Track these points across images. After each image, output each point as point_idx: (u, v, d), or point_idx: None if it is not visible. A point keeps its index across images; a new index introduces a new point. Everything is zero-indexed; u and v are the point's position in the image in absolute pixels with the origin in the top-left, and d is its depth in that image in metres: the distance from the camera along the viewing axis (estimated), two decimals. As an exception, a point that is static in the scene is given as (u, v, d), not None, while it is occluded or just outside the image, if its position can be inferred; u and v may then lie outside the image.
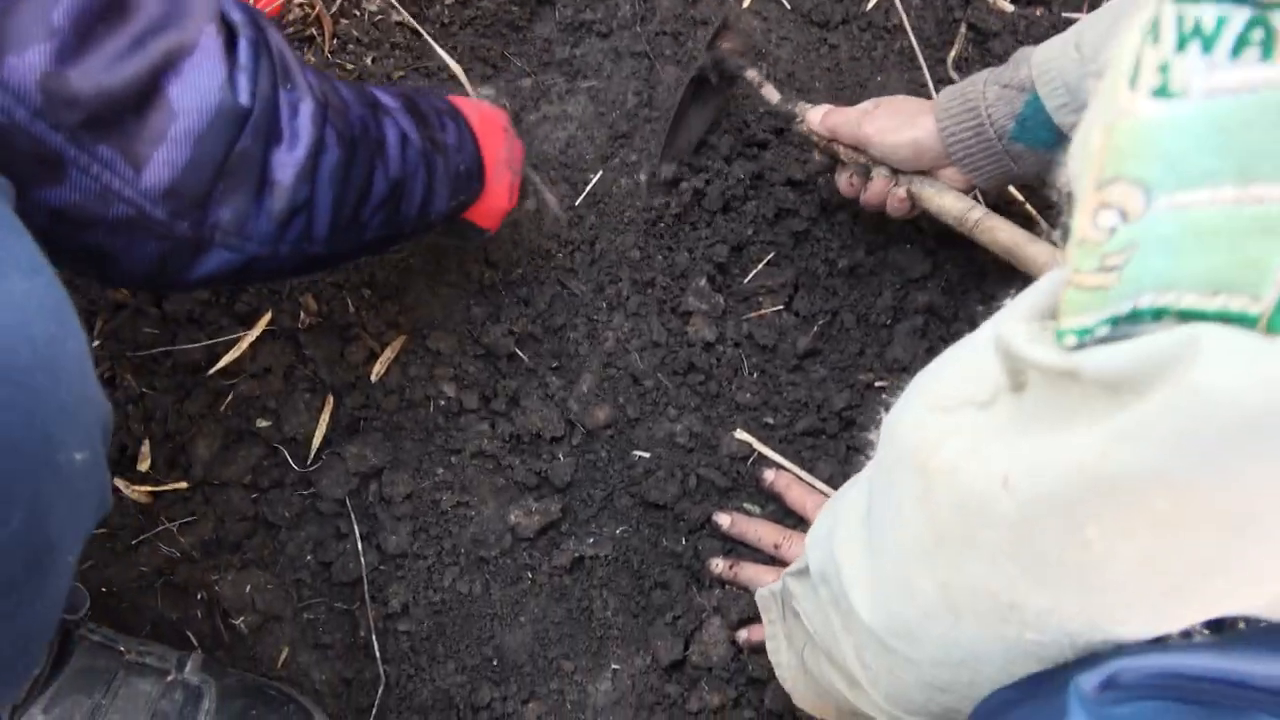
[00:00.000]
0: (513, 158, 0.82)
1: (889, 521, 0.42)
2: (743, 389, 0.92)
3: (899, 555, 0.41)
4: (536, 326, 0.95)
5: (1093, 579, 0.33)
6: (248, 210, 0.54)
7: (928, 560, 0.39)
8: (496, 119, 0.81)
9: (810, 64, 1.04)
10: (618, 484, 0.90)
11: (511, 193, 0.82)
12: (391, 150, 0.64)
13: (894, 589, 0.43)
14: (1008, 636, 0.38)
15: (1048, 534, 0.33)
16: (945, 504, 0.37)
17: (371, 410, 0.91)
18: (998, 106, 0.74)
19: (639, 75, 1.02)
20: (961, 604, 0.38)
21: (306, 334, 0.91)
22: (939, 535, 0.37)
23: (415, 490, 0.89)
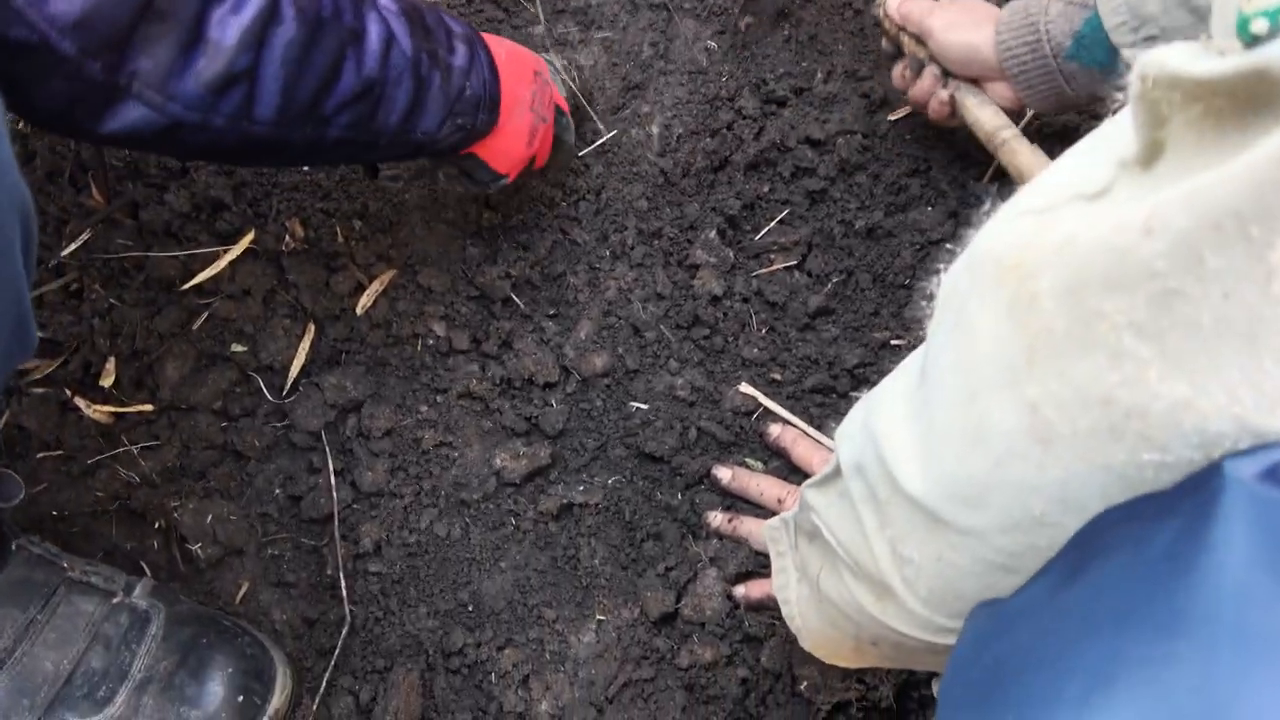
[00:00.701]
0: (539, 102, 0.95)
1: (953, 364, 0.45)
2: (750, 344, 1.07)
3: (968, 396, 0.44)
4: (535, 272, 1.10)
5: (1266, 336, 0.32)
6: (172, 65, 0.59)
7: (1014, 384, 0.40)
8: (526, 59, 0.95)
9: (834, 26, 1.22)
10: (612, 434, 1.04)
11: (533, 138, 0.95)
12: (370, 45, 0.71)
13: (956, 443, 0.45)
14: (1115, 463, 0.37)
15: (1208, 279, 0.32)
16: (1050, 292, 0.38)
17: (355, 343, 1.05)
18: (1058, 23, 0.88)
19: (656, 27, 1.21)
20: (1057, 427, 0.39)
21: (290, 258, 1.06)
22: (1033, 345, 0.39)
23: (396, 426, 1.03)
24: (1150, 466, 0.37)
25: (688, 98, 1.20)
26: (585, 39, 1.24)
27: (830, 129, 1.16)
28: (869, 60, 1.22)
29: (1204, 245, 0.32)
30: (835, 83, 1.21)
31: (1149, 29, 0.81)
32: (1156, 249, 0.33)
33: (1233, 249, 0.31)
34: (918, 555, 0.51)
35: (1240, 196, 0.30)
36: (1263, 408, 0.33)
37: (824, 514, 0.66)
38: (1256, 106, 0.30)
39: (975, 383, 0.43)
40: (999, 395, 0.41)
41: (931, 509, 0.48)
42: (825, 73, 1.21)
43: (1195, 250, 0.32)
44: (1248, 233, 0.31)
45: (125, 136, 0.62)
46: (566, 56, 1.22)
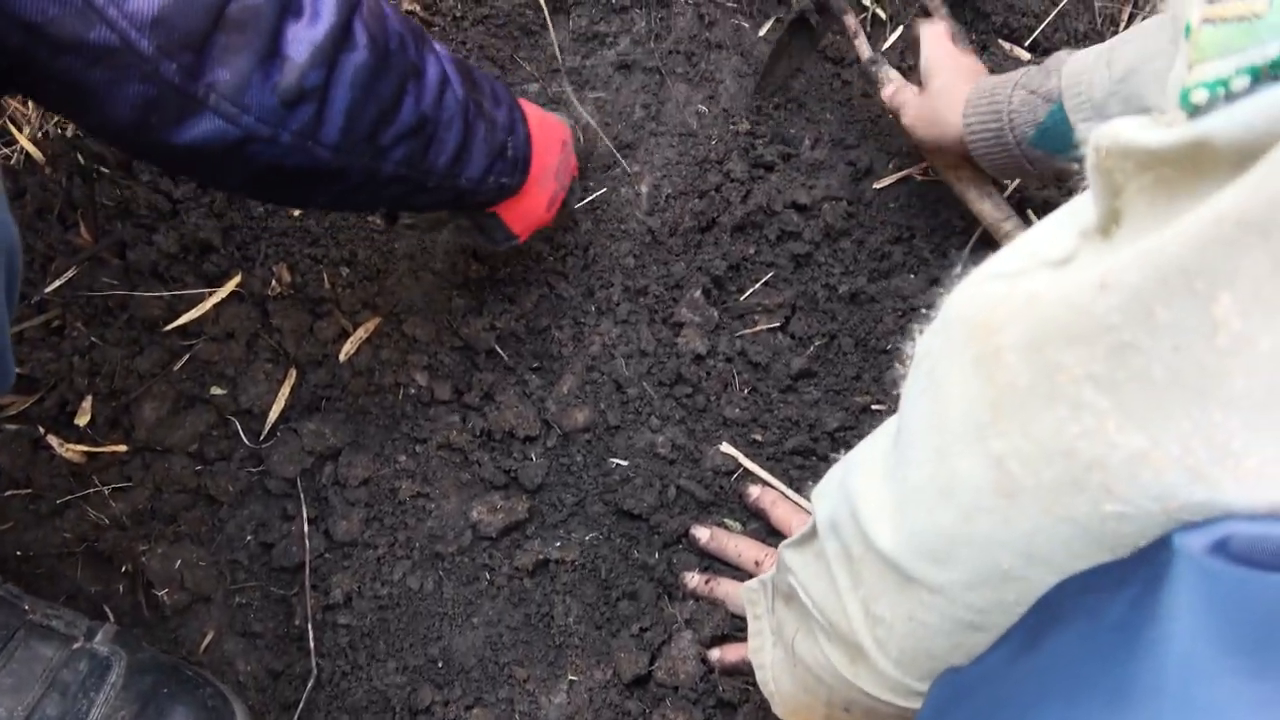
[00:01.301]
0: (563, 171, 0.96)
1: (925, 422, 0.46)
2: (732, 404, 1.06)
3: (938, 453, 0.45)
4: (520, 325, 1.10)
5: (1213, 389, 0.33)
6: (250, 76, 0.59)
7: (980, 439, 0.41)
8: (557, 129, 0.94)
9: (823, 96, 1.24)
10: (591, 490, 1.03)
11: (552, 205, 0.96)
12: (429, 83, 0.72)
13: (926, 500, 0.46)
14: (1078, 515, 0.38)
15: (1158, 333, 0.33)
16: (1014, 347, 0.39)
17: (335, 390, 1.04)
18: (1021, 113, 0.94)
19: (648, 90, 1.23)
20: (1021, 480, 0.39)
21: (276, 303, 1.05)
22: (998, 398, 0.40)
23: (373, 476, 1.01)
24: (1112, 518, 0.37)
25: (677, 159, 1.21)
26: (579, 98, 1.25)
27: (816, 194, 1.17)
28: (856, 129, 1.24)
29: (1154, 300, 0.33)
30: (822, 150, 1.22)
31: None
32: (1111, 303, 0.35)
33: (1180, 303, 0.33)
34: (889, 614, 0.51)
35: (1185, 254, 0.32)
36: (1214, 460, 0.34)
37: (800, 574, 0.66)
38: (1200, 173, 0.32)
39: (945, 439, 0.44)
40: (967, 450, 0.42)
41: (903, 566, 0.48)
42: (813, 140, 1.23)
43: (1146, 305, 0.33)
44: (1193, 287, 0.32)
45: (196, 150, 0.61)
46: (560, 115, 1.23)
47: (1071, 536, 0.39)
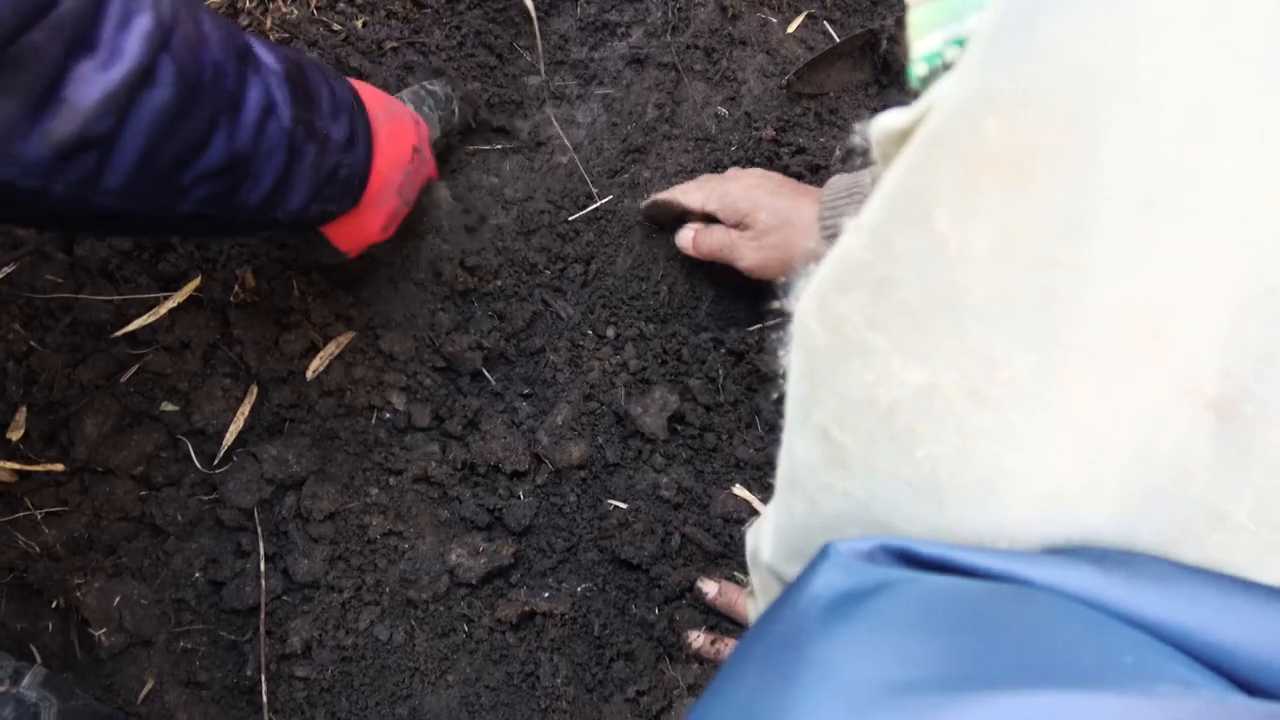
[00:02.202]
0: (409, 184, 0.96)
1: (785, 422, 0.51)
2: (745, 444, 1.08)
3: (785, 446, 0.50)
4: (510, 346, 1.12)
5: (961, 303, 0.38)
6: (16, 124, 0.57)
7: (806, 414, 0.46)
8: (407, 135, 0.93)
9: (858, 103, 1.27)
10: (585, 534, 1.04)
11: (390, 223, 0.94)
12: (248, 116, 0.70)
13: (783, 496, 0.51)
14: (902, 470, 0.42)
15: (902, 260, 0.39)
16: (810, 310, 0.44)
17: (301, 411, 1.06)
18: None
19: (663, 88, 1.25)
20: (844, 445, 0.44)
21: (238, 311, 1.07)
22: (811, 367, 0.45)
23: (340, 509, 1.03)
24: (928, 461, 0.41)
25: (693, 166, 1.23)
26: (584, 94, 1.27)
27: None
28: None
29: (891, 230, 0.38)
30: (854, 161, 1.24)
31: None
32: (861, 242, 0.40)
33: (909, 228, 0.38)
34: None
35: (901, 181, 0.37)
36: (987, 374, 0.38)
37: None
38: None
39: (788, 428, 0.48)
40: (800, 431, 0.46)
41: (780, 574, 0.53)
42: (844, 150, 1.25)
43: (886, 237, 0.39)
44: (913, 210, 0.37)
45: None
46: (563, 112, 1.26)
47: (903, 496, 0.42)
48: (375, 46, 1.22)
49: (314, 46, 1.17)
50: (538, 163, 1.24)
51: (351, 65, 1.17)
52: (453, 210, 1.16)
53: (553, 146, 1.25)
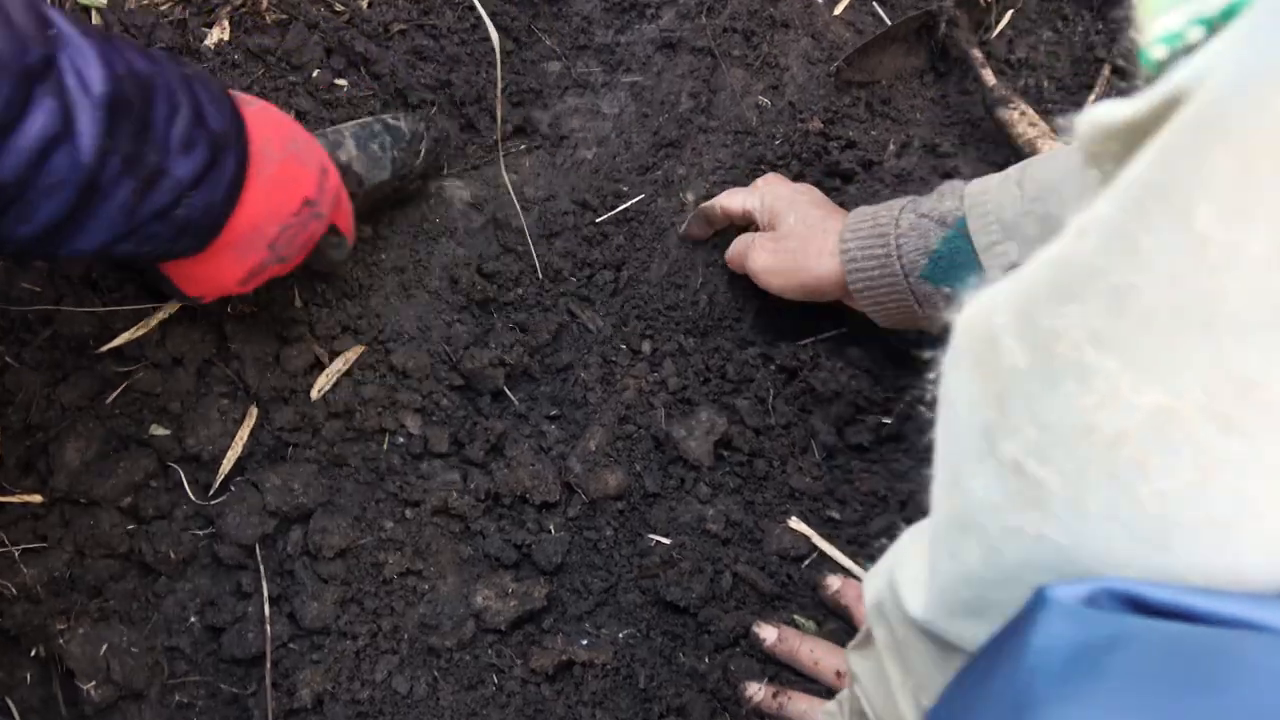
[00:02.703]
0: (288, 239, 0.89)
1: (941, 454, 0.50)
2: (801, 471, 1.06)
3: (953, 482, 0.48)
4: (534, 361, 1.10)
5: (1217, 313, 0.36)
6: None
7: (990, 445, 0.44)
8: (302, 180, 0.88)
9: (912, 92, 1.25)
10: (625, 574, 1.02)
11: (252, 277, 0.90)
12: (20, 141, 0.67)
13: (949, 541, 0.49)
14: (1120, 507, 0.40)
15: (1149, 265, 0.37)
16: (1006, 327, 0.42)
17: (306, 435, 1.03)
18: (910, 238, 0.96)
19: (698, 75, 1.23)
20: (1043, 482, 0.41)
21: (235, 324, 1.05)
22: (1001, 390, 0.43)
23: (352, 546, 1.00)
24: (1155, 498, 0.39)
25: (732, 162, 1.21)
26: (610, 82, 1.25)
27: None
28: (953, 134, 1.25)
29: (1135, 228, 0.37)
30: (910, 157, 1.23)
31: (1026, 253, 0.86)
32: (1090, 246, 0.38)
33: (1162, 225, 0.36)
34: (935, 687, 0.53)
35: (1154, 173, 0.36)
36: (1239, 394, 0.36)
37: (864, 681, 0.68)
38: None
39: (956, 462, 0.46)
40: (979, 466, 0.44)
41: (938, 631, 0.51)
42: (899, 145, 1.23)
43: (1129, 236, 0.37)
44: (1170, 205, 0.36)
45: None
46: (587, 101, 1.23)
47: (1116, 537, 0.40)
48: (382, 29, 1.19)
49: (314, 29, 1.14)
50: (560, 158, 1.21)
51: (356, 50, 1.14)
52: (466, 211, 1.14)
53: (576, 140, 1.22)
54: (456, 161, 1.18)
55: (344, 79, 1.15)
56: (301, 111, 1.11)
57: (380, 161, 1.05)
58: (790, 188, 1.09)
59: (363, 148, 1.03)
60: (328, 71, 1.15)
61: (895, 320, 1.01)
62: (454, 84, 1.17)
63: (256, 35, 1.12)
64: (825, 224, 1.03)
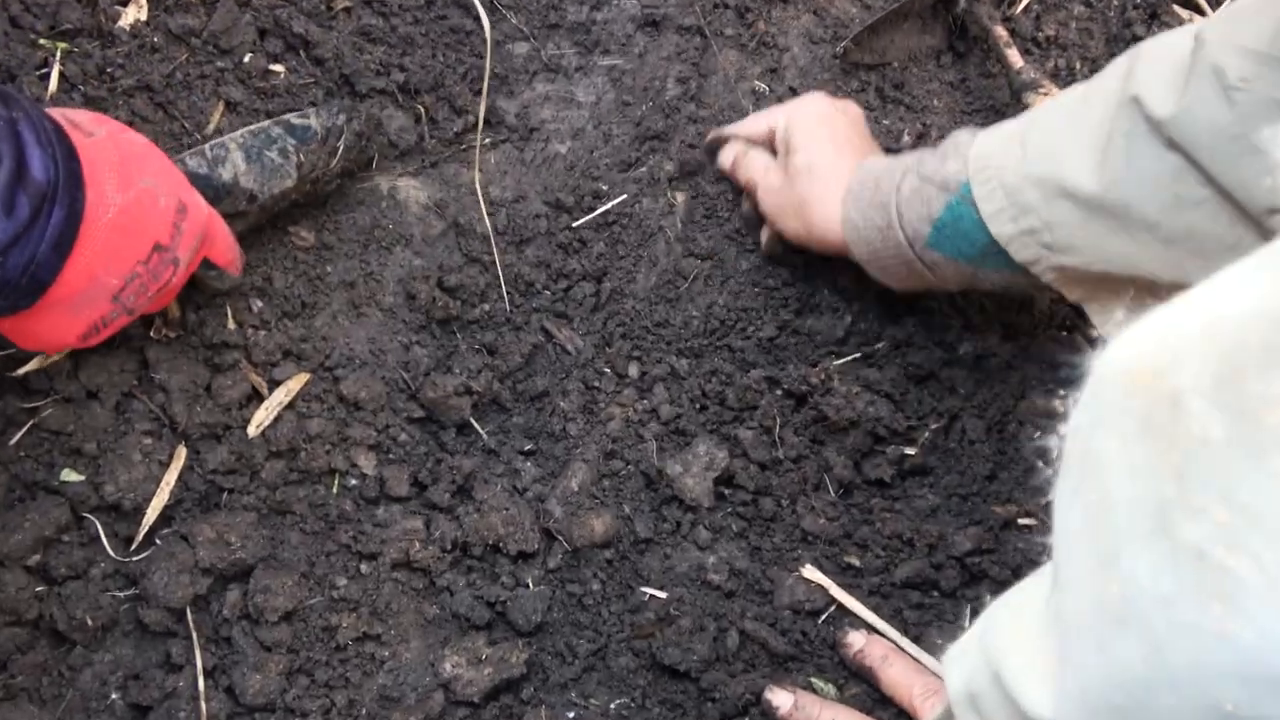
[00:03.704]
0: (137, 289, 0.89)
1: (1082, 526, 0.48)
2: (814, 512, 1.06)
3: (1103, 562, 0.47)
4: (505, 389, 1.09)
5: None
6: None
7: (1163, 527, 0.43)
8: (151, 224, 0.87)
9: (928, 75, 1.25)
10: (615, 633, 1.02)
11: (96, 332, 0.90)
12: None
13: (1095, 633, 0.48)
14: None
15: None
16: (1198, 389, 0.41)
17: (243, 478, 1.02)
18: (911, 205, 0.98)
19: (685, 57, 1.23)
20: (1235, 571, 0.40)
21: (159, 349, 1.03)
22: (1182, 466, 0.41)
23: (299, 607, 0.99)
24: None
25: (726, 157, 1.21)
26: (585, 66, 1.24)
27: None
28: (975, 123, 1.24)
29: None
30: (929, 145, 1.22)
31: (1029, 220, 0.90)
32: None
33: None
34: None
35: None
36: None
37: None
38: None
39: (1111, 541, 0.45)
40: (1145, 548, 0.43)
41: None
42: (915, 135, 1.23)
43: None
44: None
45: None
46: (559, 88, 1.22)
47: None
48: (324, 7, 1.17)
49: (246, 7, 1.13)
50: (530, 154, 1.20)
51: (295, 31, 1.12)
52: (424, 216, 1.12)
53: (548, 133, 1.21)
54: (412, 158, 1.16)
55: (280, 64, 1.13)
56: (232, 102, 1.10)
57: (280, 170, 1.02)
58: (818, 109, 1.11)
59: (254, 159, 1.01)
60: (261, 56, 1.13)
61: (908, 285, 1.04)
62: (408, 69, 1.16)
63: (179, 14, 1.10)
64: (835, 171, 1.05)
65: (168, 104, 1.08)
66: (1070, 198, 0.87)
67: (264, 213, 1.04)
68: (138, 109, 1.06)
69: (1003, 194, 0.90)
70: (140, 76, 1.07)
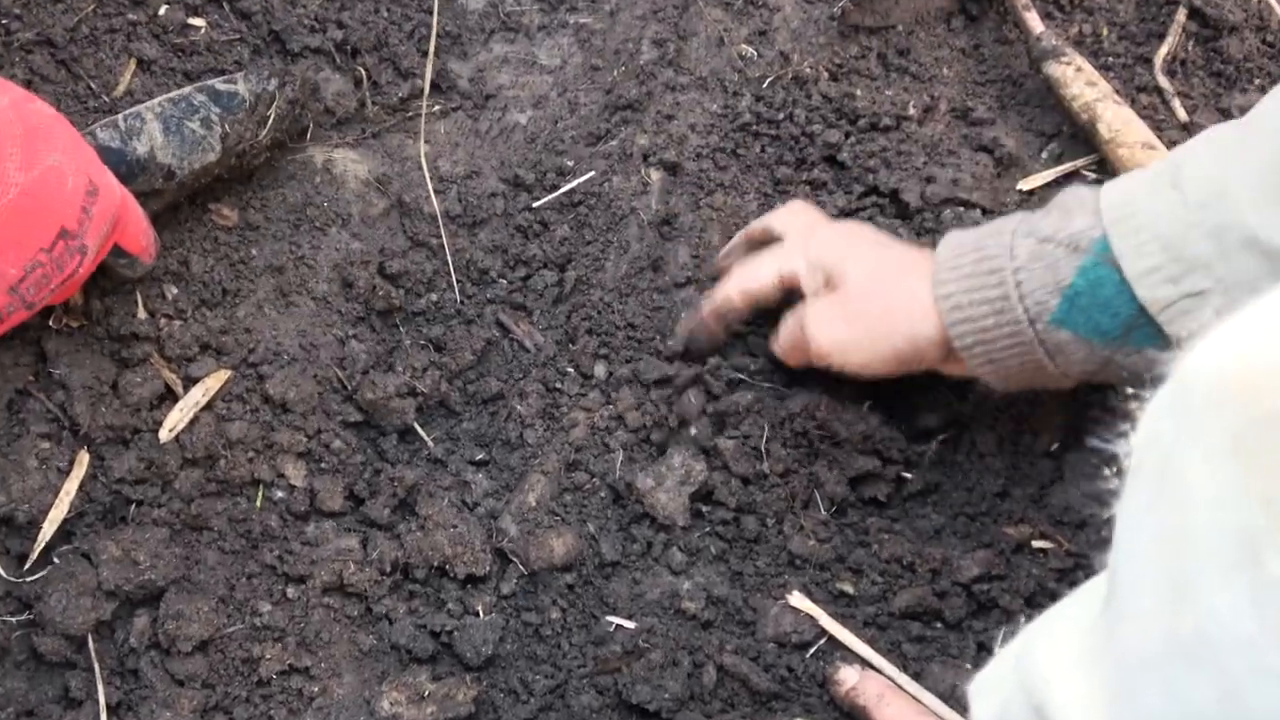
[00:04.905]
0: (38, 281, 0.89)
1: (1154, 548, 0.49)
2: (803, 532, 1.07)
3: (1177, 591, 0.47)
4: (454, 390, 1.10)
5: None
6: None
7: (1251, 558, 0.43)
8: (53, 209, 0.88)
9: (937, 40, 1.25)
10: (577, 668, 1.03)
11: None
12: None
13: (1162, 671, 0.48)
14: None
15: None
16: None
17: (154, 488, 1.03)
18: (1033, 272, 0.91)
19: (663, 16, 1.24)
20: None
21: (59, 341, 1.03)
22: (1274, 487, 0.42)
23: (216, 636, 1.00)
24: None
25: (708, 127, 1.21)
26: (550, 25, 1.24)
27: (930, 194, 1.18)
28: (990, 94, 1.25)
29: None
30: (936, 123, 1.23)
31: (1196, 280, 0.84)
32: None
33: None
34: None
35: None
36: None
37: None
38: None
39: (1187, 568, 0.45)
40: (1227, 582, 0.43)
41: None
42: (922, 108, 1.24)
43: None
44: None
45: None
46: (520, 51, 1.22)
47: None
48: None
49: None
50: (485, 124, 1.20)
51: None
52: (363, 193, 1.12)
53: (505, 100, 1.22)
54: (351, 127, 1.16)
55: (201, 18, 1.14)
56: (146, 60, 1.10)
57: (203, 142, 1.02)
58: (834, 229, 1.06)
59: (173, 130, 1.01)
60: (179, 8, 1.13)
61: (1019, 381, 0.98)
62: (347, 25, 1.16)
63: (86, -40, 1.10)
64: (906, 269, 0.99)
65: (71, 61, 1.08)
66: (1255, 248, 0.81)
67: (183, 190, 1.05)
68: (37, 67, 1.07)
69: (1158, 247, 0.85)
70: (40, 29, 1.07)
